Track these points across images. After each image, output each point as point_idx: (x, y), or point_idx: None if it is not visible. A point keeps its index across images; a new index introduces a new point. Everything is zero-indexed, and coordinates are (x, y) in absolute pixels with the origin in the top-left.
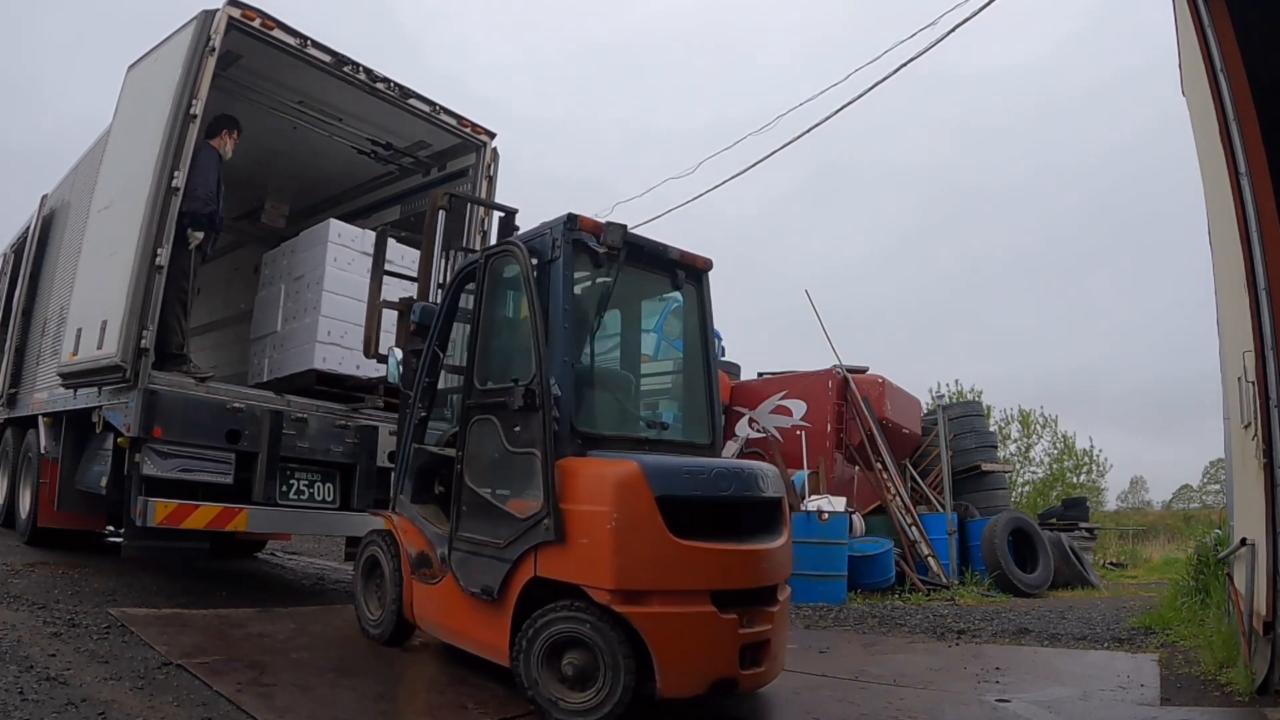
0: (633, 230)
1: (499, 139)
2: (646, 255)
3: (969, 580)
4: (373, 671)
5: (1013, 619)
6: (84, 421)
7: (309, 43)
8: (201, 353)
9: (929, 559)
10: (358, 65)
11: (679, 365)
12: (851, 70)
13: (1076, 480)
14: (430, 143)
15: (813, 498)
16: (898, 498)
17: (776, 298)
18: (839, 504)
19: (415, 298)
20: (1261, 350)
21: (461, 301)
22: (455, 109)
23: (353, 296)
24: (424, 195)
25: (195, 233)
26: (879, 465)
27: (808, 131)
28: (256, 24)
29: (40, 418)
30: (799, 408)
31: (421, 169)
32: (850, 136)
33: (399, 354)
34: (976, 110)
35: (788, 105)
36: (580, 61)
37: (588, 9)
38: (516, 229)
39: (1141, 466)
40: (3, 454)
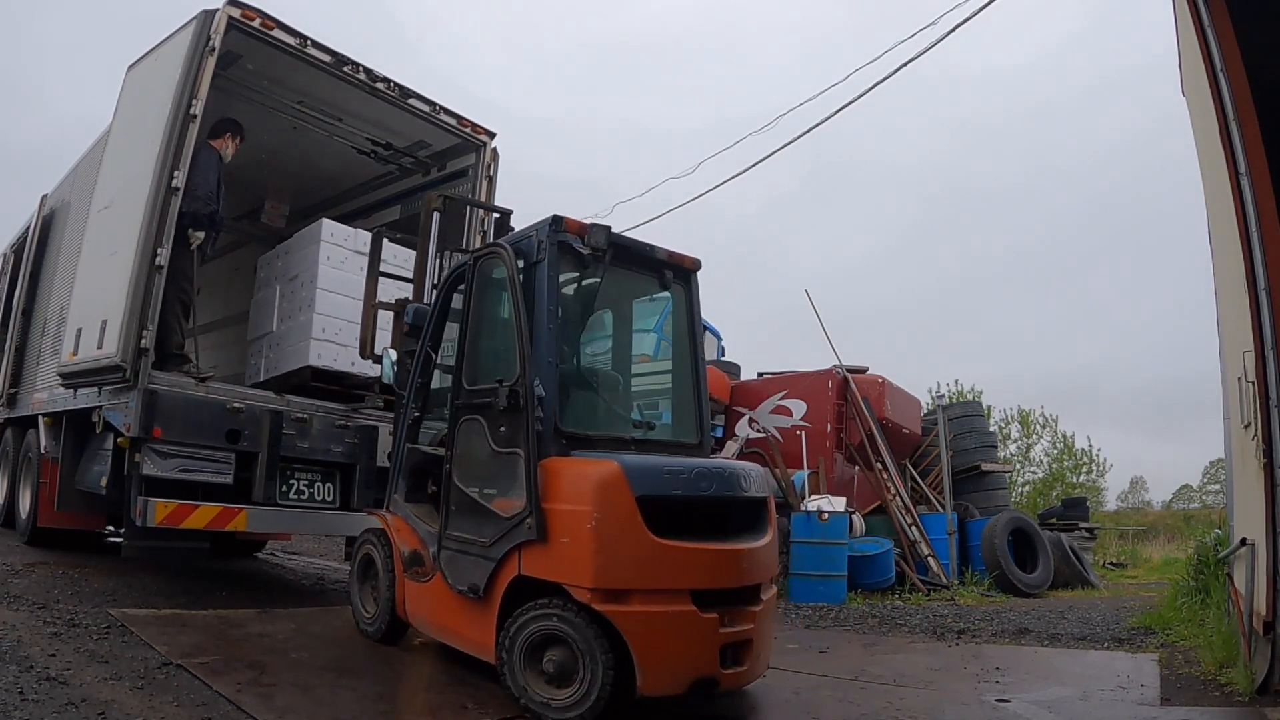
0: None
1: (498, 139)
2: (633, 256)
3: (969, 580)
4: (373, 671)
5: (1013, 619)
6: (84, 421)
7: (309, 42)
8: (202, 352)
9: (929, 559)
10: (358, 65)
11: (668, 365)
12: (851, 70)
13: (1076, 480)
14: (430, 143)
15: (813, 498)
16: (898, 498)
17: (776, 298)
18: (839, 504)
19: (410, 299)
20: (1261, 350)
21: (453, 302)
22: (454, 109)
23: (347, 294)
24: (424, 195)
25: (196, 233)
26: (879, 465)
27: (808, 131)
28: (256, 24)
29: (40, 418)
30: (799, 408)
31: (421, 169)
32: (849, 136)
33: (394, 354)
34: (976, 110)
35: (786, 105)
36: (579, 61)
37: (586, 9)
38: (511, 230)
39: (1141, 466)
40: (3, 454)
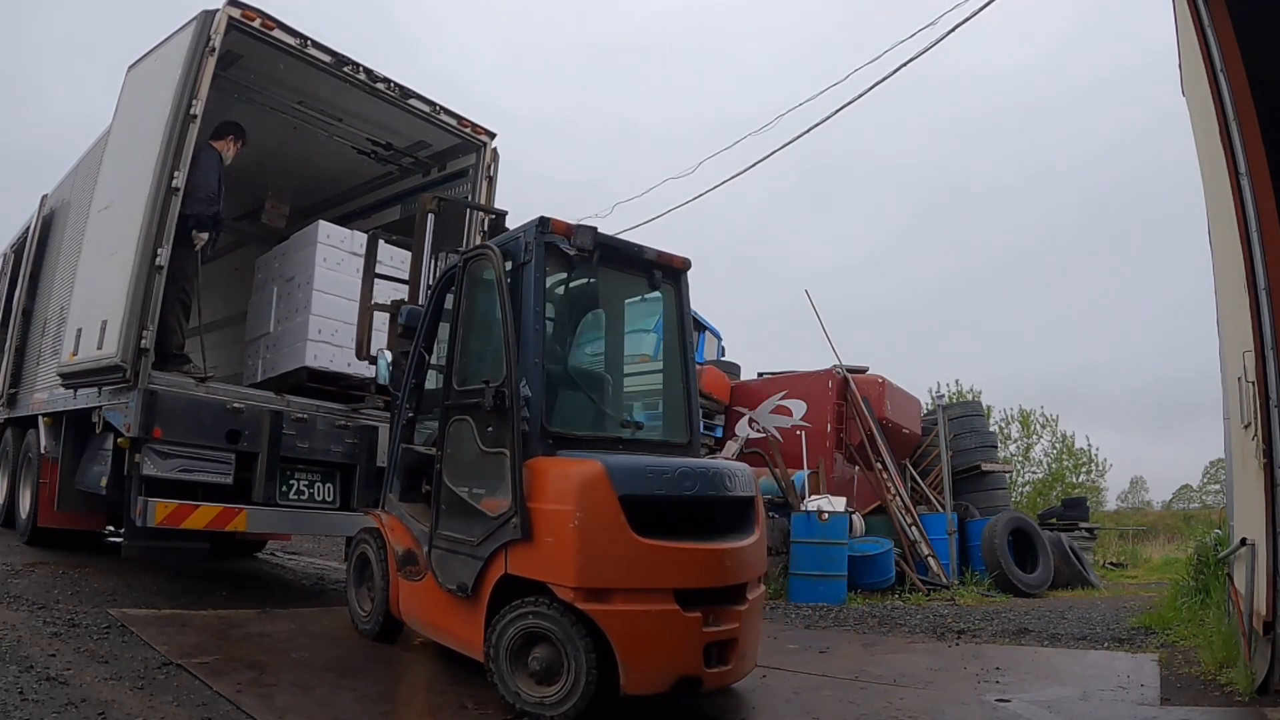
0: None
1: (498, 139)
2: (622, 256)
3: (969, 580)
4: (373, 671)
5: (1013, 619)
6: (84, 421)
7: (309, 43)
8: (203, 352)
9: (929, 559)
10: (358, 65)
11: (658, 365)
12: (851, 70)
13: (1076, 480)
14: (430, 143)
15: (813, 498)
16: (898, 498)
17: (776, 297)
18: (839, 504)
19: (406, 300)
20: (1261, 350)
21: (445, 303)
22: (454, 109)
23: (343, 295)
24: (427, 194)
25: (200, 234)
26: (879, 465)
27: (808, 131)
28: (256, 24)
29: (40, 418)
30: (799, 408)
31: (421, 169)
32: (848, 136)
33: (389, 355)
34: (974, 111)
35: (780, 104)
36: (577, 61)
37: (583, 9)
38: (506, 231)
39: (1141, 466)
40: (3, 454)
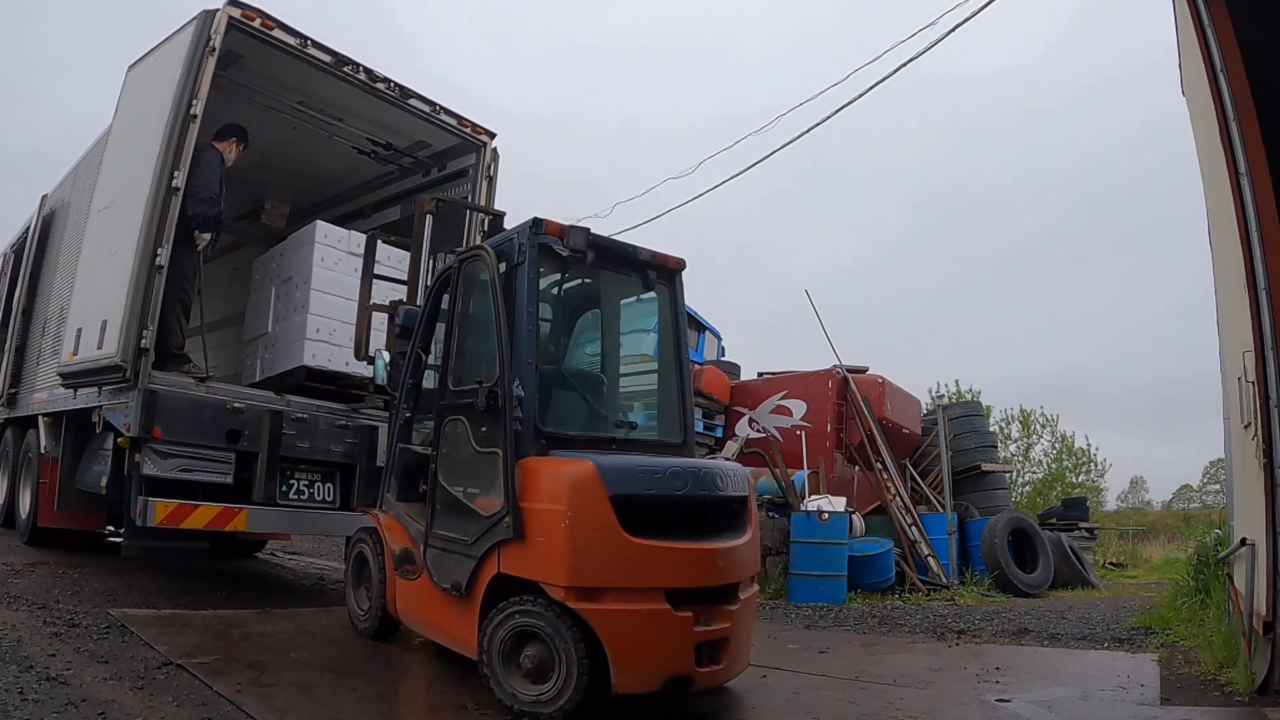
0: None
1: (498, 139)
2: (616, 257)
3: (969, 580)
4: (372, 671)
5: (1013, 619)
6: (84, 421)
7: (309, 43)
8: (201, 352)
9: (929, 559)
10: (358, 65)
11: (653, 365)
12: (851, 71)
13: (1076, 480)
14: (430, 143)
15: (813, 498)
16: (898, 498)
17: (775, 297)
18: (839, 504)
19: (404, 301)
20: (1261, 350)
21: (442, 304)
22: (454, 109)
23: (341, 295)
24: (426, 194)
25: (203, 234)
26: (879, 465)
27: (809, 130)
28: (256, 24)
29: (40, 418)
30: (799, 408)
31: (421, 169)
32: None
33: (386, 355)
34: (972, 110)
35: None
36: (575, 61)
37: (583, 8)
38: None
39: (1141, 466)
40: (3, 454)
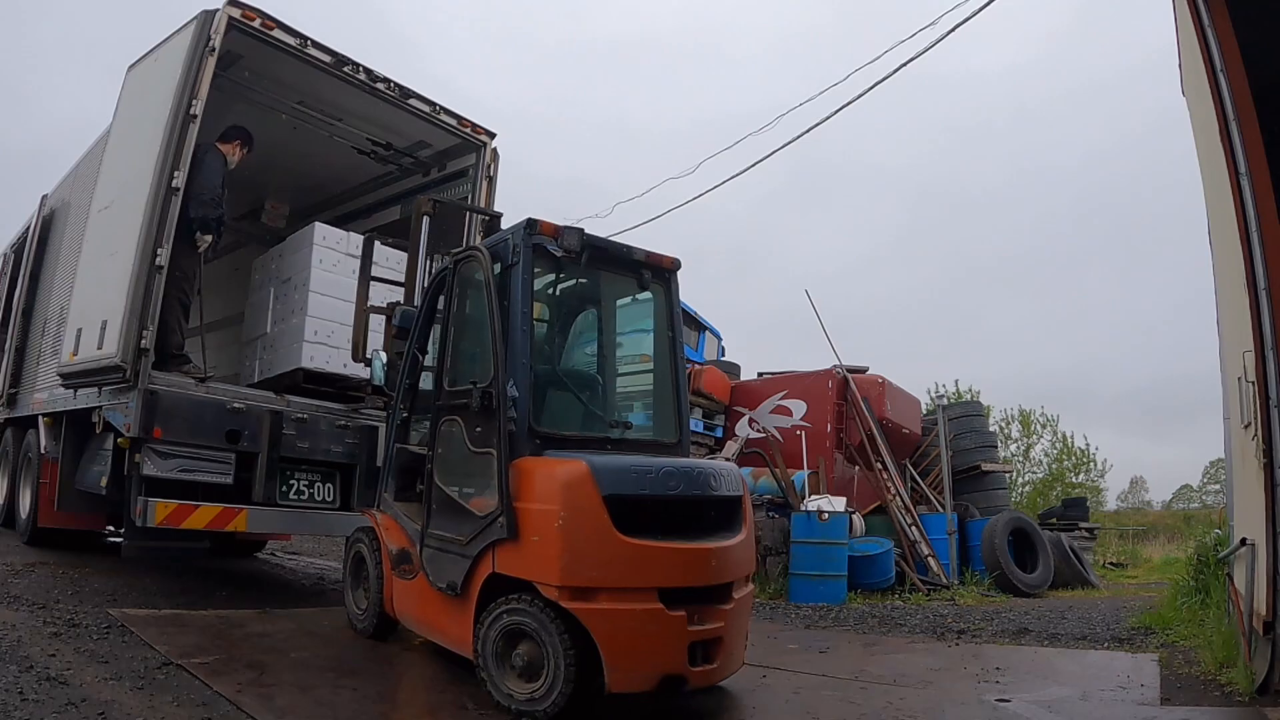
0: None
1: (498, 139)
2: (611, 257)
3: (969, 580)
4: (372, 671)
5: (1013, 619)
6: (84, 421)
7: (309, 43)
8: (203, 352)
9: (929, 559)
10: (358, 65)
11: (648, 365)
12: (851, 71)
13: (1076, 480)
14: (430, 143)
15: (813, 498)
16: (898, 498)
17: (775, 297)
18: (839, 504)
19: (402, 302)
20: (1261, 350)
21: (439, 305)
22: (454, 109)
23: (339, 297)
24: (424, 195)
25: (204, 236)
26: (879, 465)
27: (809, 130)
28: (256, 24)
29: (40, 418)
30: (799, 408)
31: (421, 169)
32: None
33: (384, 356)
34: (970, 110)
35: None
36: (577, 60)
37: (583, 7)
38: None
39: (1141, 466)
40: (3, 454)
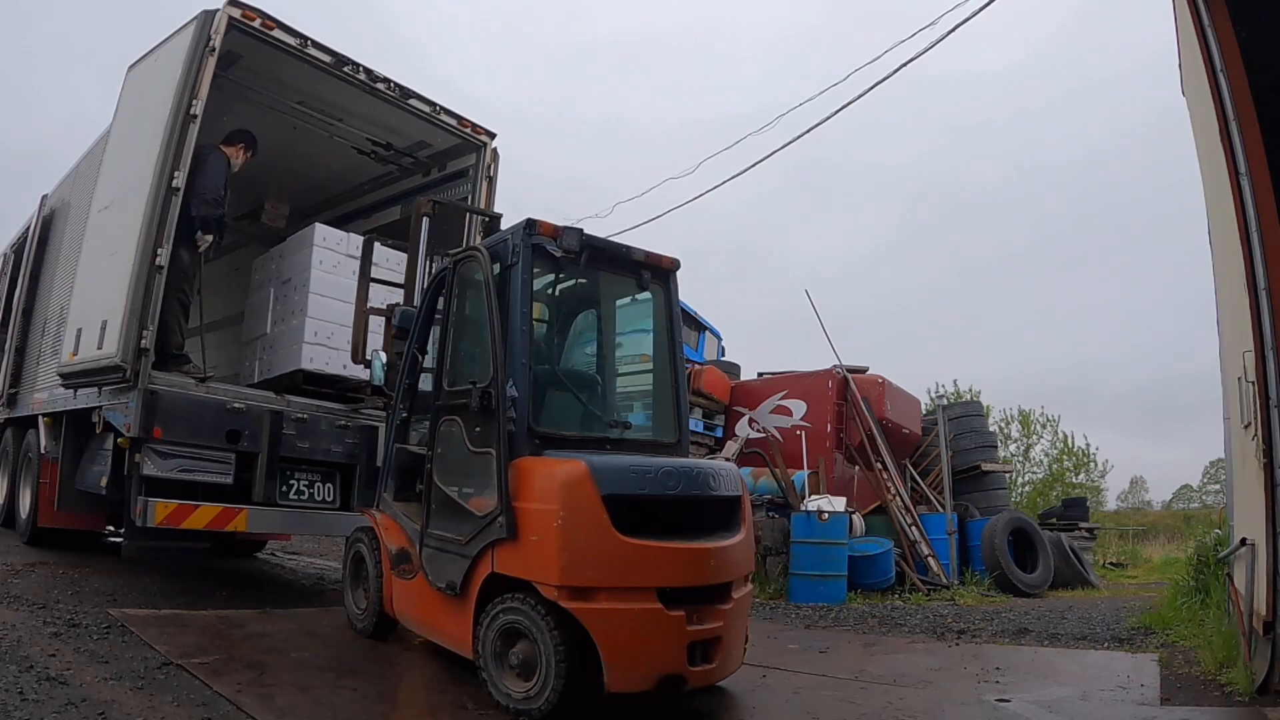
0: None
1: (498, 139)
2: (610, 257)
3: (969, 580)
4: (372, 671)
5: (1013, 619)
6: (84, 421)
7: (309, 43)
8: (203, 352)
9: (929, 559)
10: (358, 65)
11: (647, 365)
12: (850, 71)
13: (1076, 480)
14: (430, 143)
15: (813, 498)
16: (898, 498)
17: (774, 297)
18: (839, 504)
19: (401, 303)
20: (1261, 350)
21: (438, 305)
22: (454, 109)
23: (339, 298)
24: (424, 196)
25: (205, 236)
26: (879, 465)
27: (809, 130)
28: (257, 24)
29: (40, 418)
30: (799, 408)
31: (422, 169)
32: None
33: (383, 357)
34: (970, 111)
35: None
36: (577, 60)
37: (582, 7)
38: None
39: (1141, 466)
40: (3, 454)
